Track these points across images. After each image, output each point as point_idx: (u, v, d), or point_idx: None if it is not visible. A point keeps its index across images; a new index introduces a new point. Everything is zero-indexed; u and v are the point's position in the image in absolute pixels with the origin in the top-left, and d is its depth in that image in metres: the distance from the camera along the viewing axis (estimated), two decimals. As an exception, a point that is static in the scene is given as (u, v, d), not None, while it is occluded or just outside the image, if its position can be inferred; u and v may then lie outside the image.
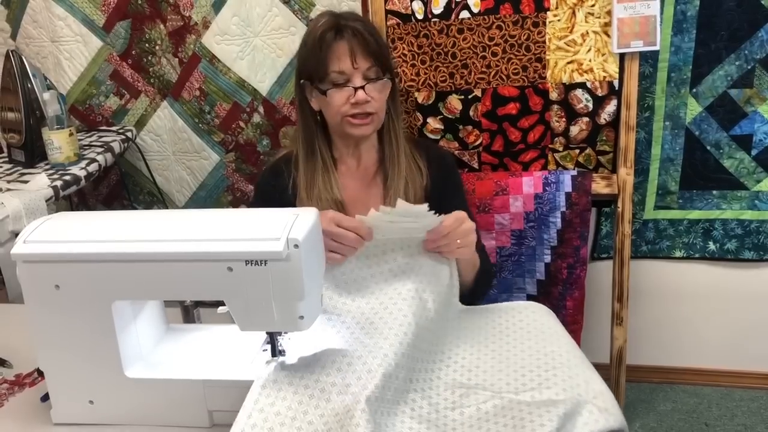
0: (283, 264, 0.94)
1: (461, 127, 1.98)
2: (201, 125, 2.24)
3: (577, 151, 1.95)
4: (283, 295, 0.97)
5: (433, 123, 1.98)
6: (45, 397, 1.12)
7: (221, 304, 1.02)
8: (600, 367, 1.15)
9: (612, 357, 2.04)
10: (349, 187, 1.53)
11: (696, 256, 2.16)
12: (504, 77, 1.90)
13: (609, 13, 1.79)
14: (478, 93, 1.93)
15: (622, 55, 1.83)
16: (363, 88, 1.41)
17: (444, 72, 1.93)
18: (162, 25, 2.15)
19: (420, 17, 1.90)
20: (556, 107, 1.90)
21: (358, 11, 1.97)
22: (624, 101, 1.85)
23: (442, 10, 1.88)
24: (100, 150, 2.03)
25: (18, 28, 2.26)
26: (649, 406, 2.24)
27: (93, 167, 1.93)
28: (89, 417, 1.08)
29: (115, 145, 2.10)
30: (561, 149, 1.95)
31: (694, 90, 1.97)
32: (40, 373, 1.21)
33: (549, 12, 1.83)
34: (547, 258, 1.99)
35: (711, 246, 2.13)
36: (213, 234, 0.98)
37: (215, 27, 2.10)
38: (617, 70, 1.84)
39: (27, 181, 1.80)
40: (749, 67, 1.91)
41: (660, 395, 2.29)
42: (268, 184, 1.56)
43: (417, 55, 1.94)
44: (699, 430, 2.13)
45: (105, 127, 2.30)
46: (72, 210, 2.45)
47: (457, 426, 1.00)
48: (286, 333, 1.07)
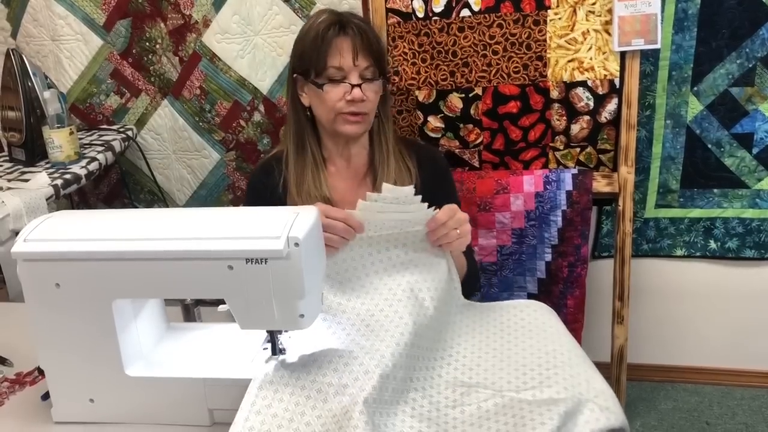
0: (284, 262, 0.94)
1: (462, 126, 1.97)
2: (201, 124, 2.24)
3: (578, 150, 1.95)
4: (284, 294, 0.96)
5: (434, 121, 1.98)
6: (45, 396, 1.12)
7: (222, 302, 1.02)
8: (601, 366, 1.15)
9: (613, 356, 2.04)
10: (339, 188, 1.53)
11: (697, 254, 2.16)
12: (505, 75, 1.90)
13: (610, 12, 1.79)
14: (478, 91, 1.92)
15: (623, 54, 1.82)
16: (360, 86, 1.42)
17: (445, 70, 1.93)
18: (162, 24, 2.15)
19: (420, 15, 1.90)
20: (556, 106, 1.90)
21: (358, 9, 1.97)
22: (625, 99, 1.85)
23: (442, 8, 1.88)
24: (100, 149, 2.03)
25: (18, 26, 2.26)
26: (650, 404, 2.24)
27: (93, 166, 1.93)
28: (90, 415, 1.08)
29: (116, 144, 2.10)
30: (562, 148, 1.95)
31: (695, 88, 1.97)
32: (40, 372, 1.21)
33: (550, 10, 1.83)
34: (548, 256, 1.99)
35: (712, 245, 2.13)
36: (213, 232, 0.98)
37: (216, 25, 2.10)
38: (618, 68, 1.84)
39: (27, 180, 1.80)
40: (750, 66, 1.90)
41: (661, 394, 2.29)
42: (259, 182, 1.56)
43: (417, 54, 1.93)
44: (700, 428, 2.12)
45: (105, 126, 2.30)
46: (72, 209, 2.45)
47: (458, 424, 1.00)
48: (286, 331, 1.06)
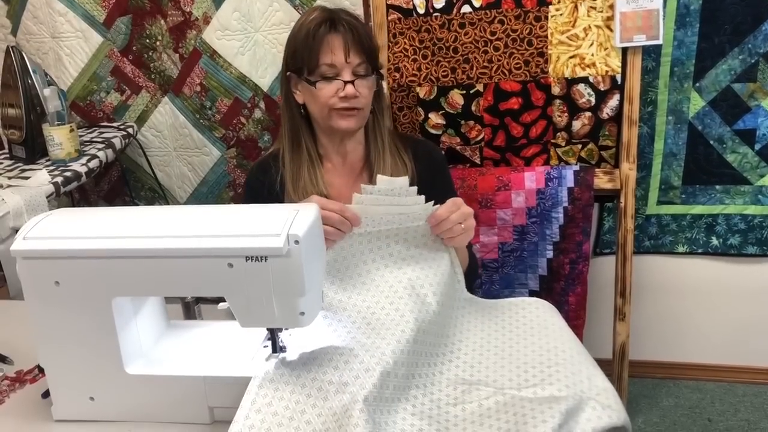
0: (284, 260, 0.94)
1: (463, 122, 1.97)
2: (202, 121, 2.23)
3: (580, 146, 1.94)
4: (284, 292, 0.96)
5: (435, 118, 1.98)
6: (46, 394, 1.11)
7: (222, 300, 1.01)
8: (602, 363, 1.15)
9: (615, 352, 2.04)
10: (335, 185, 1.53)
11: (699, 251, 2.15)
12: (506, 72, 1.89)
13: (611, 7, 1.78)
14: (480, 88, 1.92)
15: (624, 50, 1.82)
16: (353, 83, 1.41)
17: (446, 67, 1.92)
18: (162, 21, 2.14)
19: (421, 12, 1.89)
20: (558, 102, 1.89)
21: (359, 6, 1.96)
22: (627, 96, 1.84)
23: (443, 4, 1.87)
24: (101, 146, 2.03)
25: (18, 24, 2.26)
26: (652, 401, 2.24)
27: (94, 163, 1.93)
28: (90, 414, 1.07)
29: (116, 141, 2.09)
30: (563, 144, 1.94)
31: (697, 84, 1.96)
32: (40, 370, 1.20)
33: (551, 6, 1.82)
34: (550, 253, 1.98)
35: (714, 241, 2.12)
36: (213, 230, 0.97)
37: (216, 22, 2.09)
38: (620, 64, 1.83)
39: (28, 178, 1.80)
40: (753, 61, 1.90)
41: (663, 391, 2.29)
42: (256, 180, 1.56)
43: (418, 50, 1.93)
44: (702, 425, 2.12)
45: (106, 123, 2.30)
46: (73, 206, 2.45)
47: (459, 422, 0.99)
48: (286, 329, 1.06)
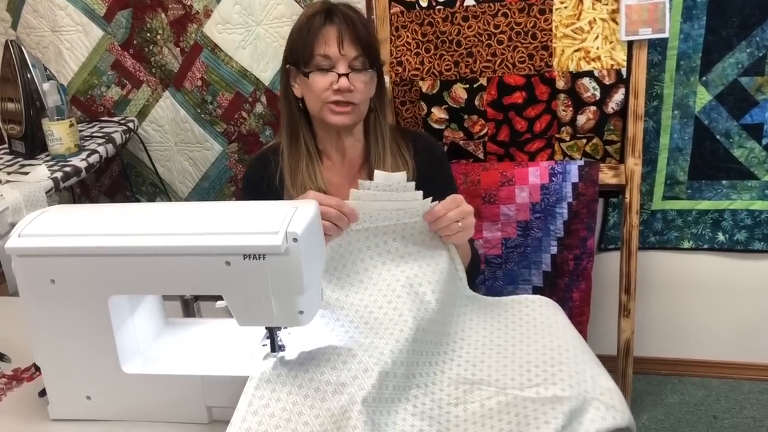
0: (282, 258, 0.92)
1: (466, 117, 1.95)
2: (203, 115, 2.22)
3: (584, 141, 1.92)
4: (282, 290, 0.95)
5: (438, 112, 1.96)
6: (43, 393, 1.10)
7: (220, 298, 1.00)
8: (607, 359, 1.13)
9: (619, 349, 2.02)
10: (334, 182, 1.51)
11: (705, 247, 2.13)
12: (510, 66, 1.87)
13: (617, 0, 1.76)
14: (483, 82, 1.90)
15: (630, 43, 1.79)
16: (347, 76, 1.39)
17: (449, 60, 1.90)
18: (163, 14, 2.12)
19: (424, 5, 1.87)
20: (562, 96, 1.87)
21: (361, -2, 1.94)
22: (632, 90, 1.82)
23: (446, -3, 1.85)
24: (101, 141, 2.01)
25: (18, 17, 2.24)
26: (657, 398, 2.22)
27: (94, 158, 1.91)
28: (87, 413, 1.06)
29: (117, 136, 2.08)
30: (568, 139, 1.92)
31: (703, 78, 1.94)
32: (37, 368, 1.19)
33: (556, -1, 1.80)
34: (554, 249, 1.96)
35: (720, 237, 2.10)
36: (210, 228, 0.96)
37: (217, 16, 2.07)
38: (625, 58, 1.81)
39: (27, 173, 1.78)
40: (761, 55, 1.87)
41: (667, 387, 2.27)
42: (255, 174, 1.54)
43: (421, 44, 1.91)
44: (707, 422, 2.10)
45: (107, 118, 2.28)
46: (74, 201, 2.44)
47: (460, 422, 0.98)
48: (285, 328, 1.04)
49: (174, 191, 2.36)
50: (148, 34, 2.16)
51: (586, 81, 1.85)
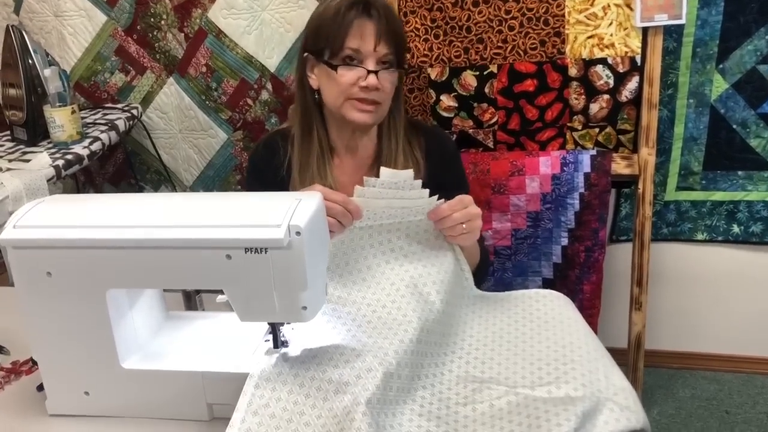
0: (285, 252, 0.89)
1: (476, 105, 1.90)
2: (208, 102, 2.18)
3: (597, 130, 1.87)
4: (285, 285, 0.91)
5: (447, 100, 1.91)
6: (41, 387, 1.08)
7: (221, 292, 0.97)
8: (617, 352, 1.10)
9: (630, 342, 1.98)
10: (341, 181, 1.45)
11: (719, 239, 2.09)
12: (521, 52, 1.82)
13: (632, -15, 1.71)
14: (493, 69, 1.85)
15: (645, 30, 1.75)
16: (376, 74, 1.33)
17: (458, 47, 1.86)
18: (167, -1, 2.09)
19: (433, -11, 1.83)
20: (575, 84, 1.83)
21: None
22: (646, 78, 1.77)
23: (456, -19, 1.81)
24: (104, 128, 1.98)
25: (21, 2, 2.21)
26: (668, 392, 2.19)
27: (96, 146, 1.88)
28: (85, 408, 1.03)
29: (120, 123, 2.04)
30: (580, 128, 1.88)
31: (720, 66, 1.88)
32: (35, 362, 1.17)
33: (569, -17, 1.75)
34: (564, 241, 1.92)
35: (735, 229, 2.06)
36: (211, 220, 0.92)
37: (221, 0, 2.03)
38: (640, 45, 1.76)
39: (28, 161, 1.75)
40: (780, 42, 1.82)
41: (679, 381, 2.23)
42: (261, 160, 1.49)
43: (430, 30, 1.86)
44: (719, 417, 2.07)
45: (110, 105, 2.25)
46: (78, 189, 2.41)
47: (469, 423, 0.95)
48: (288, 323, 1.01)
49: (179, 179, 2.33)
50: (151, 19, 2.13)
51: (599, 68, 1.80)
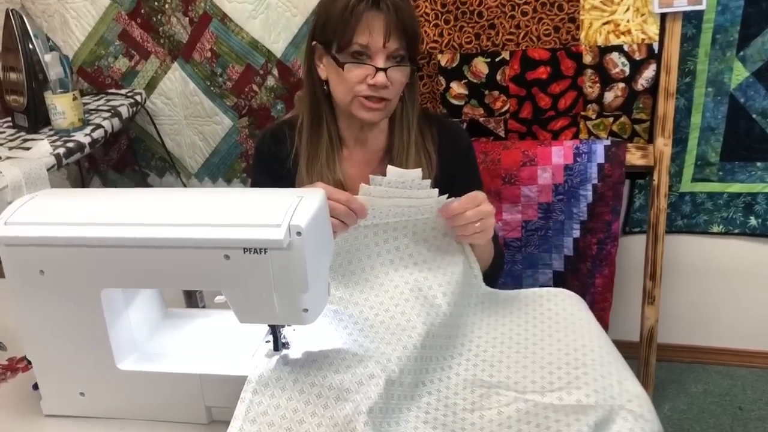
0: (285, 253, 0.85)
1: (487, 93, 1.85)
2: (213, 88, 2.14)
3: (612, 120, 1.82)
4: (286, 287, 0.87)
5: (457, 88, 1.86)
6: (36, 386, 1.05)
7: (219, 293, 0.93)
8: (629, 346, 1.06)
9: (642, 336, 1.94)
10: (350, 174, 1.40)
11: (735, 231, 2.03)
12: (534, 39, 1.77)
13: (651, -31, 1.65)
14: (505, 56, 1.80)
15: (663, 16, 1.69)
16: (386, 71, 1.27)
17: (469, 33, 1.80)
18: (171, -18, 2.04)
19: (444, -27, 1.77)
20: (589, 72, 1.77)
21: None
22: (664, 65, 1.72)
23: (468, -35, 1.75)
24: (106, 115, 1.94)
25: (23, -16, 2.17)
26: (680, 387, 2.15)
27: (98, 133, 1.84)
28: (80, 410, 1.01)
29: (123, 110, 2.00)
30: (594, 117, 1.83)
31: (741, 53, 1.82)
32: (29, 361, 1.14)
33: (585, -33, 1.69)
34: (576, 233, 1.88)
35: (752, 221, 2.00)
36: (209, 218, 0.88)
37: (226, -16, 1.99)
38: (657, 31, 1.70)
39: (29, 148, 1.72)
40: (803, 29, 1.76)
41: (691, 376, 2.19)
42: (268, 150, 1.43)
43: (440, 15, 1.81)
44: (732, 413, 2.03)
45: (114, 90, 2.21)
46: (81, 176, 2.38)
47: (476, 430, 0.91)
48: (289, 325, 0.98)
49: (183, 166, 2.29)
50: (155, 2, 2.08)
51: (614, 56, 1.74)
